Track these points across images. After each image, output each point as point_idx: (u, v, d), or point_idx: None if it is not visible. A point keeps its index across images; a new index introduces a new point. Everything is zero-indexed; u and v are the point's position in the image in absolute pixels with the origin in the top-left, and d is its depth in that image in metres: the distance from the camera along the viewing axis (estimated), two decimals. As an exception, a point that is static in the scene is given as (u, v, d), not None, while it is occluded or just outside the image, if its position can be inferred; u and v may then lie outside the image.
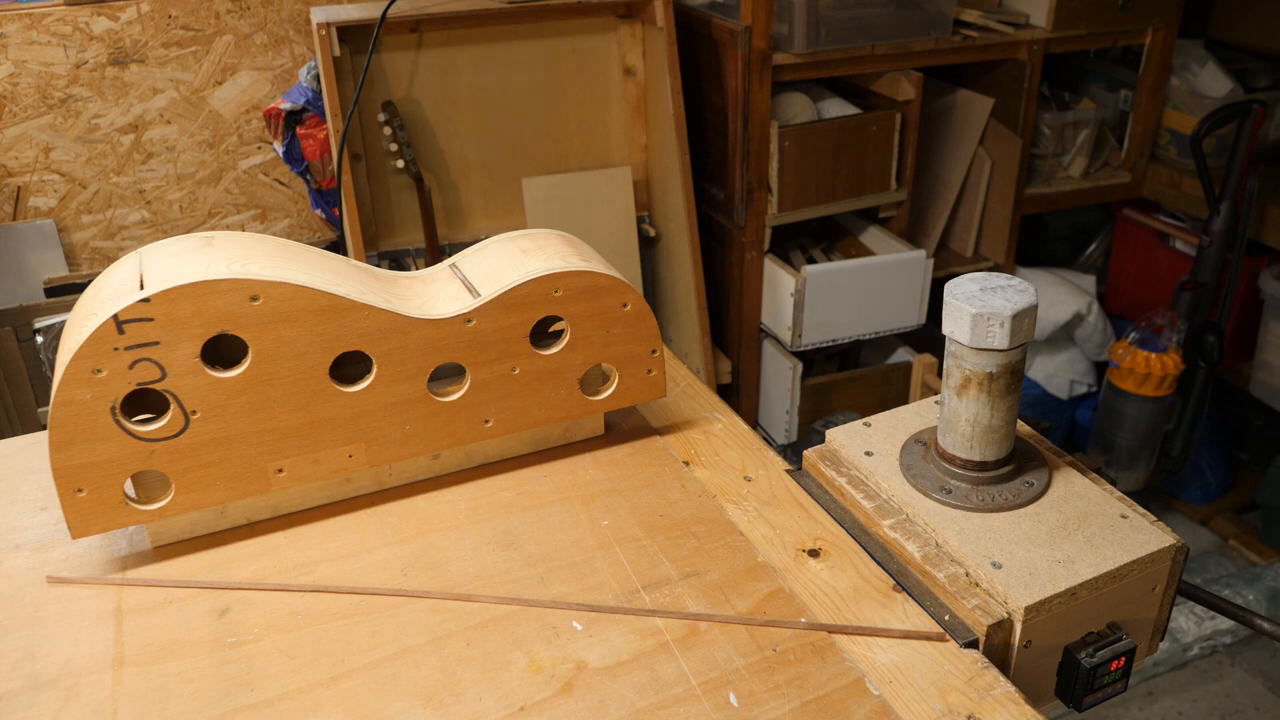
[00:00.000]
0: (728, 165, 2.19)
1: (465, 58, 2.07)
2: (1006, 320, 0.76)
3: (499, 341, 0.88)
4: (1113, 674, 0.75)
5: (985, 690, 0.70)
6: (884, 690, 0.71)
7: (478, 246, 0.95)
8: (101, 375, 0.75)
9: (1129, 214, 2.68)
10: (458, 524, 0.88)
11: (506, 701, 0.70)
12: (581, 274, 0.89)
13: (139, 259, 0.82)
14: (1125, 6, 2.30)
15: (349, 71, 1.98)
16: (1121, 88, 2.51)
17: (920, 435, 0.91)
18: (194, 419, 0.80)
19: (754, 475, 0.94)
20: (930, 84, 2.30)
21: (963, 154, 2.42)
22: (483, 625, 0.77)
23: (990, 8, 2.33)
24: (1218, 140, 2.35)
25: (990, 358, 0.78)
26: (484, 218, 2.22)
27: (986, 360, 0.78)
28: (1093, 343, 2.63)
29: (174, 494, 0.82)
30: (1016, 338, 0.77)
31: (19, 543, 0.87)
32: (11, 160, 2.06)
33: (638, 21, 2.16)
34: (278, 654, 0.74)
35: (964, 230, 2.52)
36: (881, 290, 2.28)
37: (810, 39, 2.05)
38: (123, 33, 2.03)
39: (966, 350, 0.79)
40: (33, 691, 0.71)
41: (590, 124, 2.23)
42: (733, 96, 2.09)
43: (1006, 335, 0.76)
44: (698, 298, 2.24)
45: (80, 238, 2.17)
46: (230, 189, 2.25)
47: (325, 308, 0.80)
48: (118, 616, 0.78)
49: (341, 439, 0.86)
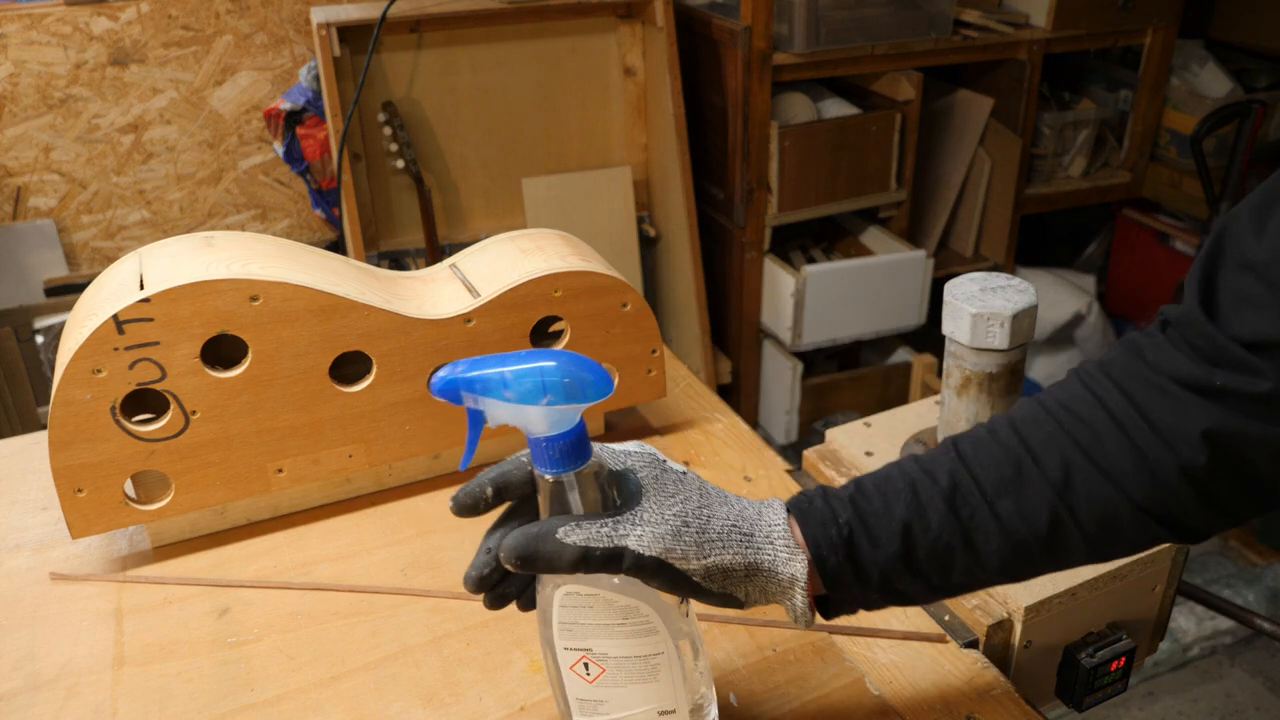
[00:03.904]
0: (728, 165, 2.19)
1: (465, 58, 2.07)
2: (1006, 320, 0.76)
3: (499, 341, 0.88)
4: (1113, 674, 0.75)
5: (985, 690, 0.70)
6: (884, 690, 0.71)
7: (478, 246, 0.95)
8: (101, 375, 0.75)
9: (1129, 214, 2.68)
10: (458, 524, 0.88)
11: (506, 701, 0.70)
12: (581, 274, 0.89)
13: (139, 259, 0.82)
14: (1125, 6, 2.29)
15: (349, 71, 1.98)
16: (1121, 88, 2.51)
17: (920, 435, 0.90)
18: (194, 419, 0.80)
19: (754, 475, 0.94)
20: (930, 84, 2.30)
21: (963, 154, 2.42)
22: (483, 625, 0.77)
23: (990, 8, 2.33)
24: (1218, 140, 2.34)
25: (990, 358, 0.78)
26: (484, 218, 2.22)
27: (986, 360, 0.78)
28: (1093, 343, 2.63)
29: (174, 494, 0.82)
30: (1016, 338, 0.77)
31: (19, 542, 0.87)
32: (11, 160, 2.06)
33: (638, 21, 2.16)
34: (278, 654, 0.74)
35: (964, 230, 2.52)
36: (881, 290, 2.28)
37: (810, 39, 2.05)
38: (123, 33, 2.03)
39: (966, 350, 0.79)
40: (33, 691, 0.71)
41: (590, 124, 2.23)
42: (733, 96, 2.09)
43: (1006, 335, 0.76)
44: (698, 298, 2.24)
45: (80, 238, 2.17)
46: (230, 189, 2.25)
47: (325, 308, 0.80)
48: (118, 616, 0.78)
49: (341, 439, 0.86)
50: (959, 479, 0.57)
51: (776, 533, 0.57)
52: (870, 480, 0.59)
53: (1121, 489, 0.55)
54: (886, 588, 0.58)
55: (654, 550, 0.53)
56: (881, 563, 0.56)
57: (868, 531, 0.57)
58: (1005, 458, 0.57)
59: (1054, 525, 0.56)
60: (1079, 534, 0.56)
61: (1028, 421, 0.58)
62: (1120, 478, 0.55)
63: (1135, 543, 0.58)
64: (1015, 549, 0.56)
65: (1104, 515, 0.56)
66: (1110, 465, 0.55)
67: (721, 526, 0.56)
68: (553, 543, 0.52)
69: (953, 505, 0.56)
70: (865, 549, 0.56)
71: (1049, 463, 0.56)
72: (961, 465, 0.58)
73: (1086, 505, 0.56)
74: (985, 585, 0.59)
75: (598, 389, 0.52)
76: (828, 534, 0.57)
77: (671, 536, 0.54)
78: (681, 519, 0.55)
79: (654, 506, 0.55)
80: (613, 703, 0.58)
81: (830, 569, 0.57)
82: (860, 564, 0.57)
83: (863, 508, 0.57)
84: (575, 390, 0.52)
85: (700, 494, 0.57)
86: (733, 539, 0.56)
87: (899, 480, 0.58)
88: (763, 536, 0.56)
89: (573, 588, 0.55)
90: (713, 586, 0.55)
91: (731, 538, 0.56)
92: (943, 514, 0.56)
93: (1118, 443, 0.55)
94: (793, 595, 0.56)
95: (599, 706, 0.58)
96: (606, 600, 0.55)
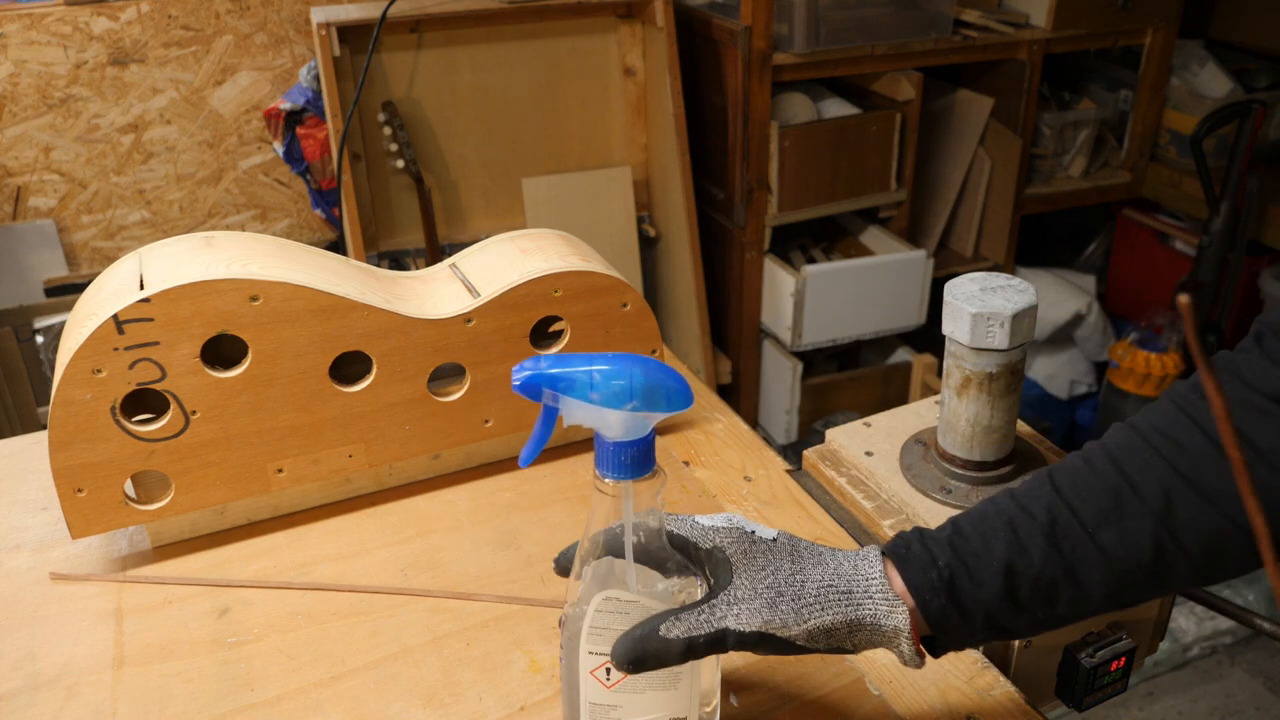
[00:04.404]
0: (728, 165, 2.19)
1: (465, 58, 2.07)
2: (1006, 320, 0.76)
3: (499, 341, 0.88)
4: (1113, 674, 0.75)
5: (985, 690, 0.70)
6: (884, 690, 0.71)
7: (478, 246, 0.95)
8: (101, 375, 0.75)
9: (1129, 214, 2.68)
10: (458, 524, 0.88)
11: (506, 701, 0.70)
12: (581, 274, 0.89)
13: (139, 259, 0.82)
14: (1125, 6, 2.29)
15: (349, 71, 1.98)
16: (1121, 88, 2.51)
17: (920, 435, 0.90)
18: (194, 419, 0.80)
19: (754, 475, 0.94)
20: (930, 84, 2.30)
21: (963, 154, 2.42)
22: (483, 625, 0.77)
23: (990, 8, 2.33)
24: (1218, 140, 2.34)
25: (990, 358, 0.78)
26: (484, 218, 2.22)
27: (986, 360, 0.78)
28: (1093, 343, 2.63)
29: (174, 494, 0.82)
30: (1016, 338, 0.77)
31: (19, 542, 0.87)
32: (11, 160, 2.06)
33: (638, 21, 2.16)
34: (278, 654, 0.74)
35: (964, 230, 2.52)
36: (881, 290, 2.28)
37: (810, 39, 2.05)
38: (123, 33, 2.03)
39: (966, 350, 0.79)
40: (33, 691, 0.71)
41: (590, 124, 2.23)
42: (733, 96, 2.09)
43: (1006, 335, 0.76)
44: (698, 298, 2.24)
45: (80, 238, 2.17)
46: (230, 189, 2.25)
47: (325, 308, 0.80)
48: (118, 616, 0.78)
49: (341, 439, 0.86)
50: (1057, 513, 0.57)
51: (875, 586, 0.57)
52: (966, 520, 0.59)
53: (1226, 514, 0.54)
54: (991, 625, 0.58)
55: (753, 625, 0.55)
56: (985, 602, 0.57)
57: (969, 573, 0.57)
58: (1103, 488, 0.57)
59: (1158, 553, 0.55)
60: (1184, 560, 0.56)
61: (1123, 449, 0.58)
62: (1225, 502, 0.54)
63: (1244, 565, 0.57)
64: (1120, 579, 0.56)
65: (1209, 541, 0.55)
66: (1213, 490, 0.54)
67: (817, 589, 0.57)
68: (658, 641, 0.54)
69: (1053, 540, 0.56)
70: (968, 590, 0.57)
71: (1148, 490, 0.55)
72: (1059, 498, 0.57)
73: (1191, 532, 0.55)
74: (1092, 614, 0.59)
75: (680, 399, 0.53)
76: (928, 578, 0.57)
77: (768, 609, 0.55)
78: (775, 590, 0.56)
79: (746, 582, 0.56)
80: (626, 708, 0.58)
81: (934, 612, 0.57)
82: (964, 605, 0.57)
83: (961, 549, 0.57)
84: (658, 398, 0.53)
85: (792, 559, 0.58)
86: (830, 599, 0.56)
87: (996, 519, 0.58)
88: (861, 592, 0.57)
89: (614, 593, 0.56)
90: (818, 646, 0.57)
91: (829, 598, 0.56)
92: (1044, 550, 0.56)
93: (1219, 467, 0.54)
94: (898, 644, 0.57)
95: (611, 712, 0.58)
96: (645, 608, 0.56)
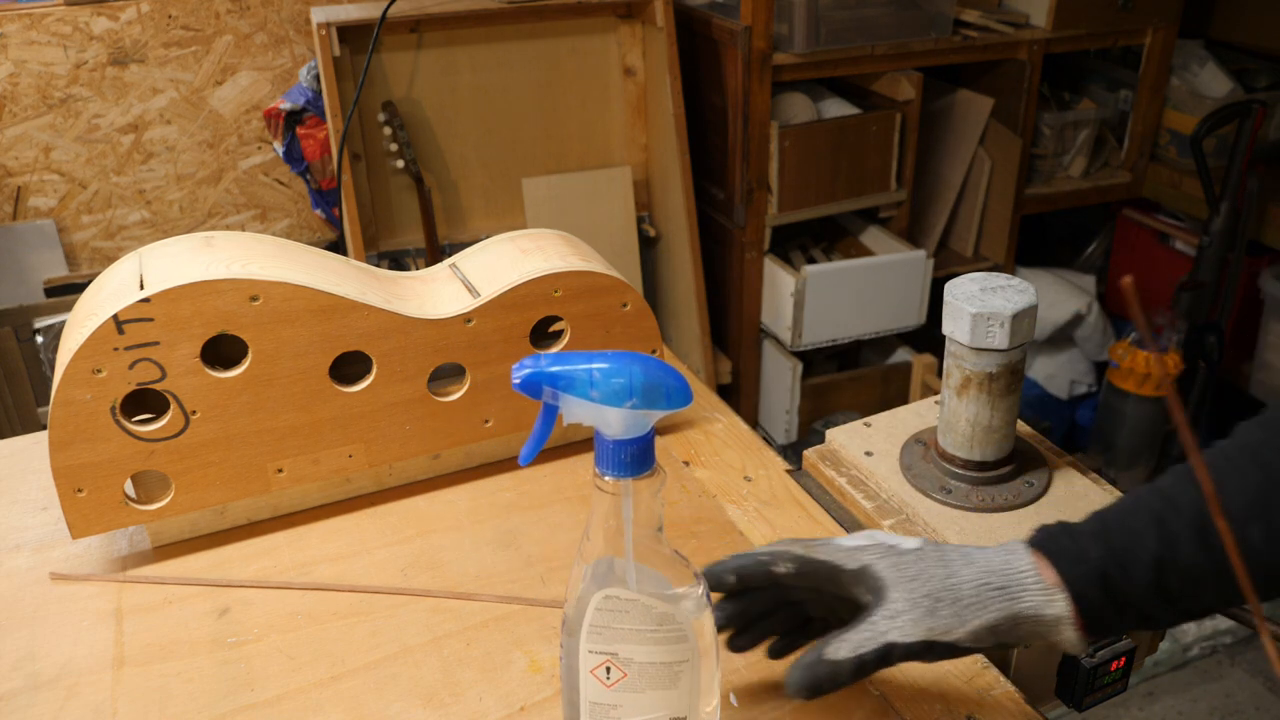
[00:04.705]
0: (728, 165, 2.19)
1: (465, 58, 2.07)
2: (1006, 320, 0.76)
3: (499, 341, 0.88)
4: (1113, 674, 0.75)
5: (985, 690, 0.70)
6: (884, 690, 0.71)
7: (478, 246, 0.95)
8: (101, 375, 0.75)
9: (1129, 214, 2.68)
10: (458, 524, 0.88)
11: (506, 701, 0.70)
12: (581, 274, 0.89)
13: (139, 259, 0.82)
14: (1125, 6, 2.29)
15: (349, 71, 1.98)
16: (1121, 88, 2.51)
17: (920, 435, 0.90)
18: (194, 419, 0.80)
19: (754, 475, 0.94)
20: (930, 84, 2.30)
21: (963, 154, 2.42)
22: (483, 625, 0.77)
23: (990, 8, 2.33)
24: (1218, 140, 2.34)
25: (990, 358, 0.78)
26: (484, 218, 2.22)
27: (986, 360, 0.78)
28: (1093, 343, 2.63)
29: (174, 494, 0.82)
30: (1016, 338, 0.77)
31: (19, 542, 0.87)
32: (11, 160, 2.06)
33: (638, 21, 2.16)
34: (278, 654, 0.74)
35: (964, 230, 2.52)
36: (881, 290, 2.28)
37: (810, 39, 2.05)
38: (123, 33, 2.03)
39: (966, 350, 0.79)
40: (33, 691, 0.71)
41: (590, 124, 2.23)
42: (733, 96, 2.09)
43: (1006, 335, 0.76)
44: (698, 298, 2.24)
45: (80, 238, 2.17)
46: (230, 189, 2.25)
47: (325, 308, 0.80)
48: (118, 616, 0.78)
49: (341, 439, 0.86)
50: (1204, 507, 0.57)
51: (1029, 579, 0.58)
52: (1112, 515, 0.60)
53: None
54: (1141, 616, 0.59)
55: (917, 635, 0.55)
56: (1137, 595, 0.57)
57: (1121, 566, 0.57)
58: (1248, 483, 0.57)
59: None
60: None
61: (1265, 445, 0.58)
62: None
63: None
64: (1269, 571, 0.57)
65: None
66: None
67: (974, 589, 0.57)
68: (827, 665, 0.55)
69: (1203, 536, 0.57)
70: (1119, 583, 0.57)
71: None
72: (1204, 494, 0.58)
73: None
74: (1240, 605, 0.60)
75: (679, 397, 0.54)
76: (1080, 571, 0.58)
77: (929, 616, 0.56)
78: (932, 597, 0.57)
79: (902, 595, 0.57)
80: (627, 708, 0.58)
81: (1088, 605, 0.58)
82: (1116, 598, 0.58)
83: (1113, 544, 0.58)
84: (658, 396, 0.53)
85: (940, 564, 0.59)
86: (988, 597, 0.57)
87: (1144, 514, 0.59)
88: (1017, 586, 0.58)
89: (614, 592, 0.56)
90: (983, 645, 0.57)
91: (987, 596, 0.57)
92: (1193, 545, 0.57)
93: None
94: (1061, 632, 0.58)
95: (611, 711, 0.58)
96: (645, 606, 0.56)
